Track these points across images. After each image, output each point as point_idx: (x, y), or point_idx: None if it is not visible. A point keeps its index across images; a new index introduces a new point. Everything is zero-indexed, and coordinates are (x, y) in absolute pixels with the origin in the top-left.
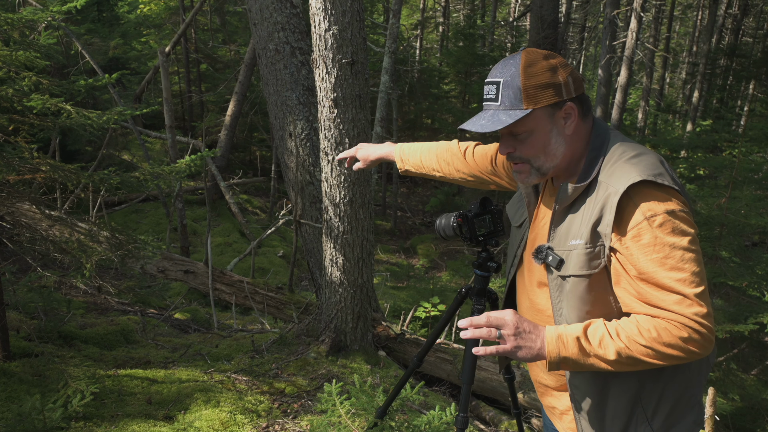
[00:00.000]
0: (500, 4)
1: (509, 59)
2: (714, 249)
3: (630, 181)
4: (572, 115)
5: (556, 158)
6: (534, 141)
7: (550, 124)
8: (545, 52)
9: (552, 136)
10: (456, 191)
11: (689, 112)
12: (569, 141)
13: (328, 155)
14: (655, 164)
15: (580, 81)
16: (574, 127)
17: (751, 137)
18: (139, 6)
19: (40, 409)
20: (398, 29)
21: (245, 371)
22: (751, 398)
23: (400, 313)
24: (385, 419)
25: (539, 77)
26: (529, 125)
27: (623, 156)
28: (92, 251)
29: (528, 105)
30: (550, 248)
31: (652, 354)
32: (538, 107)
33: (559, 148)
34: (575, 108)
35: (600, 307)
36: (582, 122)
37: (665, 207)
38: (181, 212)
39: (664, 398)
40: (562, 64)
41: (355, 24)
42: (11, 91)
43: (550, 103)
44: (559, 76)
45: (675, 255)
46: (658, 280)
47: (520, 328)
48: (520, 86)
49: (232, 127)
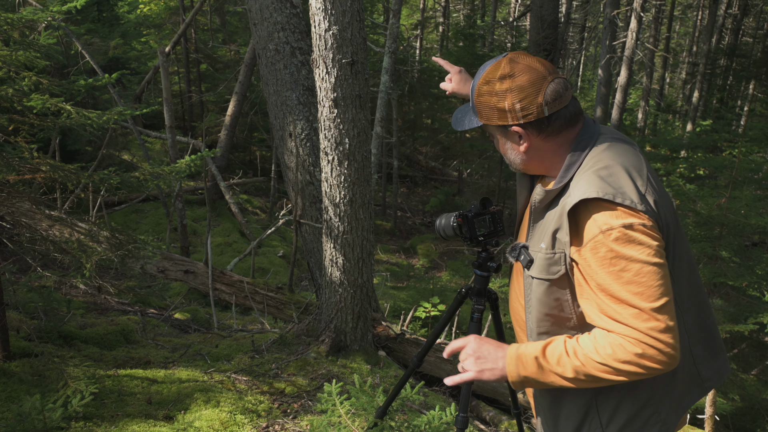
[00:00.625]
0: (500, 4)
1: (484, 66)
2: (714, 249)
3: (582, 196)
4: (524, 137)
5: (517, 165)
6: (496, 144)
7: (503, 138)
8: (510, 70)
9: (507, 148)
10: (456, 191)
11: (689, 112)
12: (528, 156)
13: (328, 155)
14: (619, 181)
15: (534, 108)
16: (528, 147)
17: (751, 137)
18: (139, 6)
19: (40, 409)
20: (398, 29)
21: (245, 371)
22: (751, 398)
23: (400, 313)
24: (385, 419)
25: (485, 97)
26: (488, 130)
27: (594, 166)
28: (92, 251)
29: (480, 118)
30: (525, 247)
31: (608, 371)
32: (489, 123)
33: (515, 160)
34: (526, 132)
35: (557, 312)
36: (545, 141)
37: (622, 221)
38: (181, 212)
39: (620, 410)
40: (517, 88)
41: (355, 24)
42: (11, 91)
43: (495, 124)
44: (504, 102)
45: (632, 268)
46: (615, 293)
47: (480, 352)
48: (473, 101)
49: (232, 127)
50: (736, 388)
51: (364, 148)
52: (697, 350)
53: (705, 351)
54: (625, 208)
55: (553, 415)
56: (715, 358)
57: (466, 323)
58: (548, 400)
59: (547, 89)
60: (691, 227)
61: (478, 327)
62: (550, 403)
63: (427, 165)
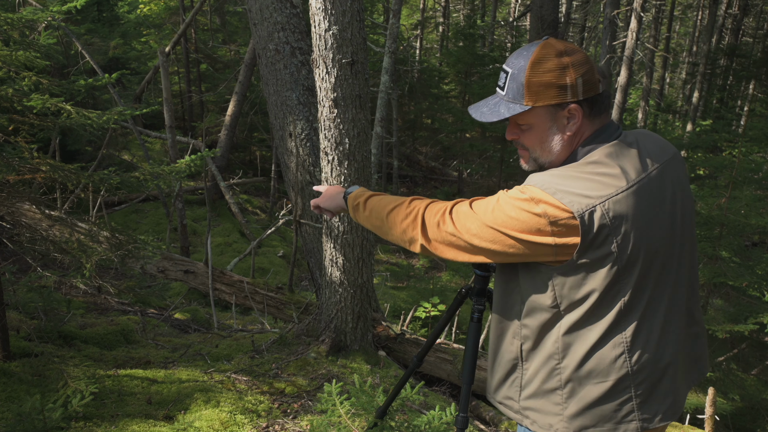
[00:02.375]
0: (500, 4)
1: (524, 49)
2: (714, 249)
3: (528, 181)
4: (576, 117)
5: (552, 155)
6: (533, 135)
7: (550, 122)
8: (563, 48)
9: (550, 134)
10: (456, 191)
11: (689, 112)
12: (568, 141)
13: (328, 155)
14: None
15: (593, 83)
16: (577, 128)
17: (751, 137)
18: (139, 6)
19: (40, 409)
20: (398, 29)
21: (245, 371)
22: (751, 398)
23: (400, 313)
24: (385, 419)
25: (545, 76)
26: (528, 120)
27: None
28: (92, 251)
29: (528, 101)
30: None
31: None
32: (539, 105)
33: (555, 147)
34: (580, 110)
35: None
36: (589, 123)
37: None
38: (181, 212)
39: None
40: (577, 63)
41: (355, 24)
42: (11, 91)
43: (552, 103)
44: (566, 77)
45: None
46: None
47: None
48: (523, 82)
49: (232, 127)
50: (736, 388)
51: (364, 148)
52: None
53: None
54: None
55: (492, 358)
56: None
57: (466, 323)
58: (492, 348)
59: (597, 67)
60: None
61: (478, 327)
62: (492, 349)
63: (427, 165)
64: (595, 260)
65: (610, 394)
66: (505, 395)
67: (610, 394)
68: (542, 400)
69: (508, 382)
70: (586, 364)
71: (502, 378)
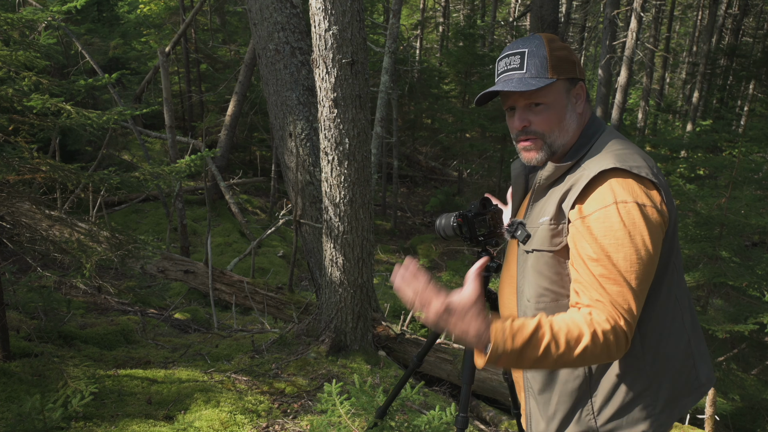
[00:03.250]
0: (500, 4)
1: (527, 38)
2: (714, 249)
3: (603, 167)
4: (581, 96)
5: (568, 134)
6: (551, 114)
7: (565, 99)
8: None
9: (567, 111)
10: (456, 191)
11: (689, 112)
12: (579, 120)
13: (328, 155)
14: (637, 159)
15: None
16: (583, 108)
17: (751, 137)
18: (139, 6)
19: (40, 409)
20: (398, 29)
21: (245, 371)
22: (751, 398)
23: (400, 313)
24: (385, 419)
25: (561, 51)
26: (548, 97)
27: (611, 147)
28: (92, 251)
29: (553, 74)
30: (522, 223)
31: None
32: (561, 78)
33: (572, 124)
34: (584, 89)
35: (557, 288)
36: (587, 104)
37: (636, 198)
38: (181, 212)
39: (614, 398)
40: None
41: (355, 24)
42: (11, 91)
43: (570, 76)
44: (574, 56)
45: (631, 245)
46: (611, 261)
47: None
48: (546, 55)
49: (232, 127)
50: (736, 388)
51: (364, 148)
52: (699, 348)
53: (701, 353)
54: (642, 182)
55: (544, 399)
56: (706, 363)
57: None
58: (540, 383)
59: None
60: (691, 227)
61: None
62: (541, 385)
63: (427, 165)
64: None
65: (683, 368)
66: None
67: (683, 367)
68: (630, 412)
69: (577, 415)
70: (664, 345)
71: (567, 414)
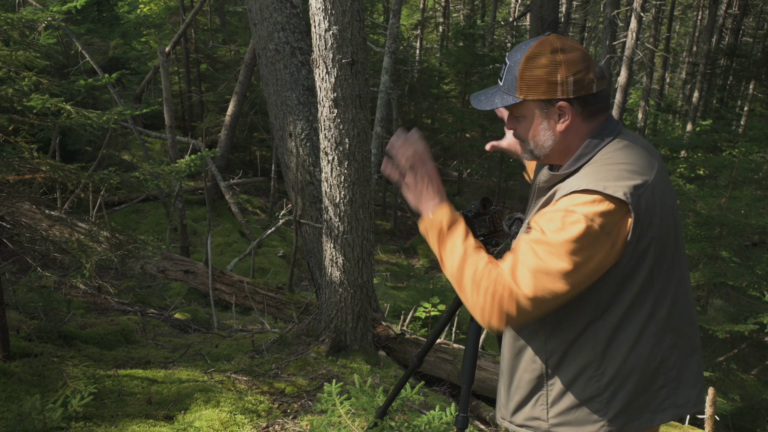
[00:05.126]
0: (500, 4)
1: (525, 44)
2: (714, 249)
3: (576, 187)
4: (566, 115)
5: (544, 149)
6: (525, 127)
7: (541, 117)
8: (560, 45)
9: (541, 129)
10: (456, 191)
11: (689, 112)
12: (561, 137)
13: (328, 155)
14: (622, 175)
15: (585, 83)
16: (567, 126)
17: (751, 137)
18: (139, 6)
19: (40, 409)
20: (398, 29)
21: (245, 371)
22: (751, 398)
23: (400, 313)
24: (385, 419)
25: (536, 71)
26: (521, 112)
27: (608, 160)
28: (92, 251)
29: (520, 94)
30: (520, 218)
31: (465, 286)
32: (530, 98)
33: (547, 142)
34: (570, 108)
35: None
36: (582, 122)
37: (589, 209)
38: (181, 212)
39: (567, 394)
40: (570, 61)
41: (355, 24)
42: (11, 91)
43: (543, 98)
44: (557, 75)
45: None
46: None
47: (421, 178)
48: (516, 75)
49: (232, 127)
50: (736, 388)
51: (364, 148)
52: (684, 372)
53: (686, 377)
54: (603, 196)
55: (506, 381)
56: (692, 387)
57: (466, 323)
58: (506, 367)
59: (595, 67)
60: (691, 227)
61: (478, 327)
62: (507, 369)
63: None
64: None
65: (649, 385)
66: (528, 416)
67: (648, 384)
68: (578, 411)
69: (531, 402)
70: (627, 361)
71: (523, 399)
